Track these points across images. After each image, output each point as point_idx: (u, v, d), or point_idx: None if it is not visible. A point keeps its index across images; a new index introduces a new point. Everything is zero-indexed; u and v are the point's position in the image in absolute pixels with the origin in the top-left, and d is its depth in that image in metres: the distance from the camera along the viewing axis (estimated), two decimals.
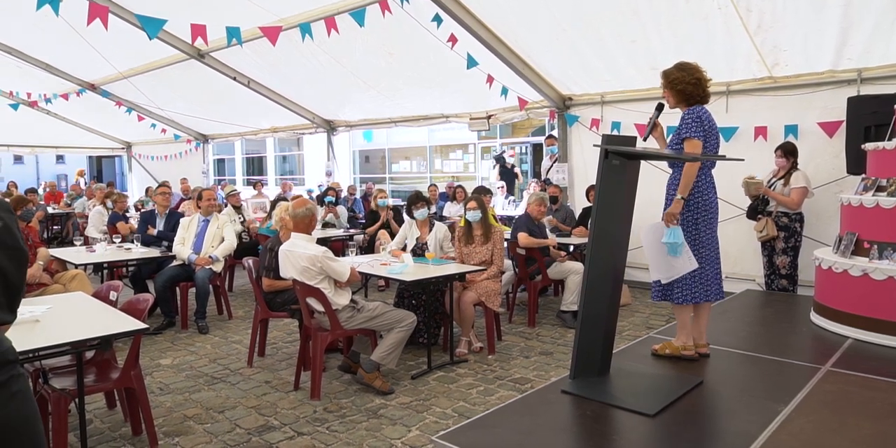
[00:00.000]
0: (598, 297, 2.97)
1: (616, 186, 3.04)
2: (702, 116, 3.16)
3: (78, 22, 6.87)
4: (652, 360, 3.36)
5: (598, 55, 6.34)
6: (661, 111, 3.43)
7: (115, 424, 3.39)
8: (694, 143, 3.13)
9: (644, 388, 2.91)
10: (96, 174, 29.67)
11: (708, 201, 3.23)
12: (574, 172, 7.58)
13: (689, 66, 3.29)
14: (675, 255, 3.14)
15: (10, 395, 1.34)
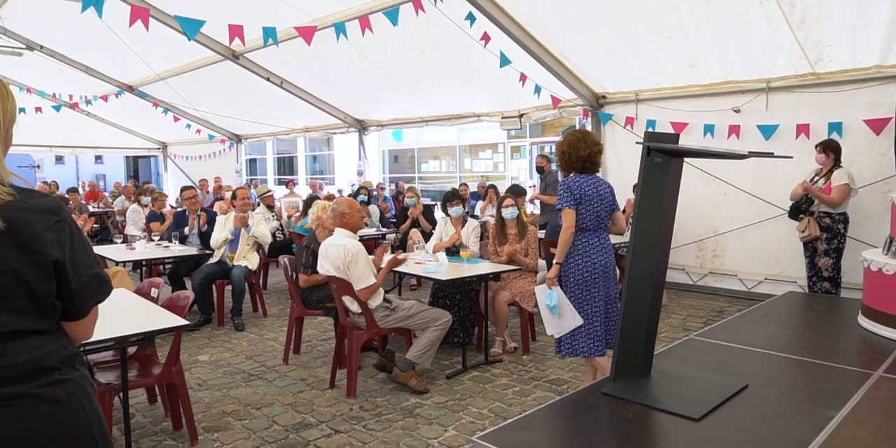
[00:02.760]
0: (640, 297, 2.91)
1: (658, 184, 2.97)
2: (571, 186, 3.27)
3: (117, 25, 7.04)
4: (693, 363, 3.29)
5: (634, 52, 6.25)
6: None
7: (156, 419, 3.45)
8: (566, 213, 3.26)
9: (687, 392, 2.85)
10: (133, 174, 30.35)
11: (589, 263, 3.32)
12: (608, 171, 7.48)
13: (579, 140, 3.34)
14: (554, 315, 3.33)
15: (40, 401, 1.27)
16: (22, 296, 1.25)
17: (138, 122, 14.38)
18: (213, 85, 10.33)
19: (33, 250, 1.24)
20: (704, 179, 6.27)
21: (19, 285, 1.24)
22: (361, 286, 3.66)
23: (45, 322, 1.32)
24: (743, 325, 3.76)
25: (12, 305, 1.24)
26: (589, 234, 3.32)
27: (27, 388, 1.25)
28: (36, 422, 1.25)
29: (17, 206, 1.23)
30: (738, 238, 6.27)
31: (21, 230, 1.22)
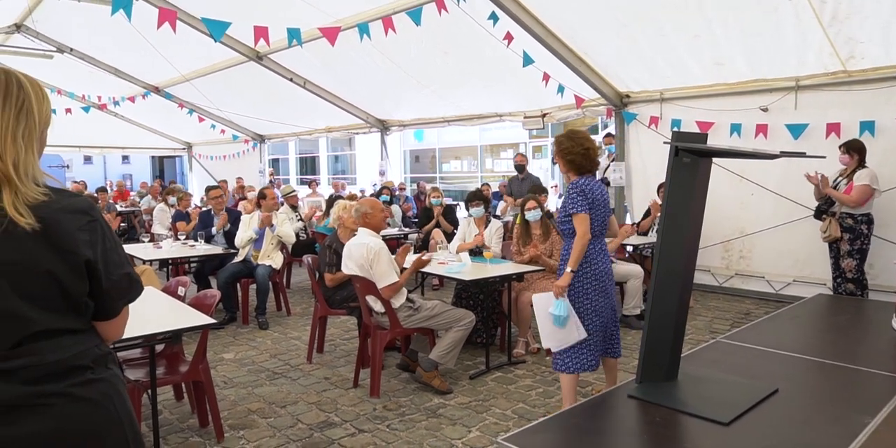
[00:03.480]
0: (668, 299, 2.88)
1: (686, 185, 2.93)
2: (585, 190, 3.15)
3: (144, 27, 7.15)
4: (720, 366, 3.23)
5: (659, 51, 6.18)
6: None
7: (182, 416, 3.49)
8: (581, 218, 3.12)
9: (715, 395, 2.80)
10: (159, 174, 30.85)
11: (598, 271, 3.21)
12: (632, 172, 7.41)
13: (579, 136, 3.25)
14: (560, 326, 3.16)
15: (72, 400, 1.27)
16: (56, 295, 1.27)
17: (164, 123, 14.60)
18: (237, 86, 10.44)
19: (66, 250, 1.25)
20: (731, 179, 6.17)
21: (53, 285, 1.25)
22: (384, 284, 3.67)
23: (79, 321, 1.33)
24: (772, 328, 3.69)
25: (47, 304, 1.26)
26: (595, 241, 3.21)
27: (60, 387, 1.26)
28: (67, 421, 1.26)
29: (50, 206, 1.24)
30: (766, 239, 6.16)
31: (54, 230, 1.24)
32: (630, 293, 5.19)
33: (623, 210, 7.67)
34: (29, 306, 1.23)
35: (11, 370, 1.21)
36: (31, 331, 1.24)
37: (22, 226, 1.18)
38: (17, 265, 1.21)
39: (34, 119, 1.27)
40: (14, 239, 1.19)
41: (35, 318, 1.24)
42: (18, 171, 1.22)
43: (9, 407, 1.20)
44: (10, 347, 1.21)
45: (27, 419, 1.21)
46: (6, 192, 1.20)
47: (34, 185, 1.24)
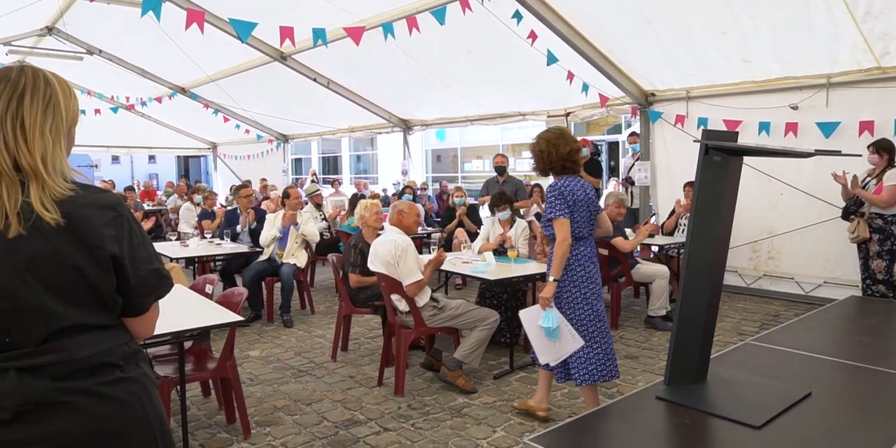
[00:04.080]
0: (697, 299, 2.83)
1: (716, 184, 2.87)
2: (564, 192, 3.00)
3: (171, 29, 7.25)
4: (750, 368, 3.18)
5: (685, 48, 6.10)
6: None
7: (210, 412, 3.54)
8: (560, 223, 2.97)
9: (746, 398, 2.75)
10: (184, 173, 31.30)
11: (590, 274, 3.07)
12: (657, 171, 7.33)
13: (557, 137, 3.07)
14: (554, 339, 3.03)
15: (99, 398, 1.26)
16: (83, 290, 1.26)
17: (190, 123, 14.81)
18: (261, 86, 10.55)
19: (92, 245, 1.25)
20: (759, 179, 6.07)
21: (80, 280, 1.25)
22: (410, 282, 3.69)
23: (107, 317, 1.32)
24: (803, 330, 3.62)
25: (74, 300, 1.25)
26: (584, 243, 3.07)
27: (87, 385, 1.25)
28: (92, 420, 1.25)
29: (77, 201, 1.24)
30: (795, 240, 6.05)
31: (80, 225, 1.24)
32: (656, 294, 5.14)
33: (648, 210, 7.59)
34: (56, 301, 1.23)
35: (40, 366, 1.21)
36: (58, 326, 1.23)
37: (47, 220, 1.19)
38: (44, 260, 1.21)
39: (61, 114, 1.29)
40: (41, 234, 1.20)
41: (63, 314, 1.24)
42: (46, 166, 1.23)
43: (36, 404, 1.19)
44: (39, 343, 1.21)
45: (53, 417, 1.21)
46: (33, 186, 1.21)
47: (62, 181, 1.25)
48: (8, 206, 1.18)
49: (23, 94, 1.24)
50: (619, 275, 5.27)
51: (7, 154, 1.21)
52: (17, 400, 1.18)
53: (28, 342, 1.21)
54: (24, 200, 1.19)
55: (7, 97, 1.23)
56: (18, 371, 1.19)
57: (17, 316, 1.19)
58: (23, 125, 1.23)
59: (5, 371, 1.18)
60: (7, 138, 1.21)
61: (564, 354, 3.04)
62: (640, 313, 5.59)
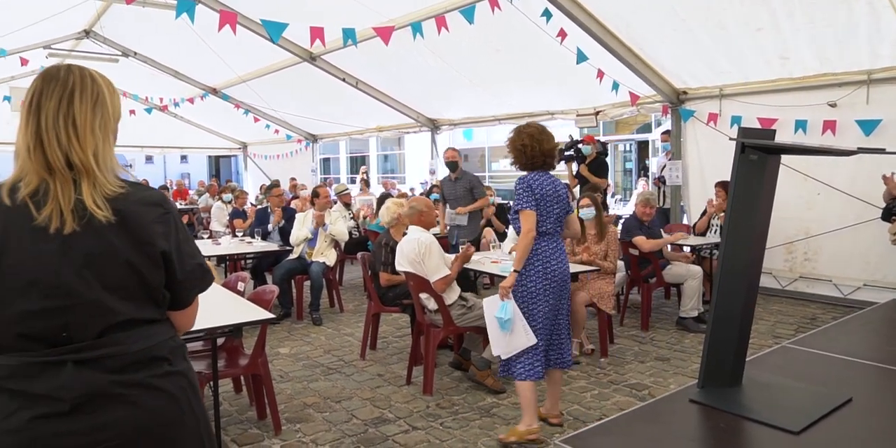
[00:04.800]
0: (733, 300, 2.76)
1: (753, 183, 2.81)
2: (532, 185, 2.99)
3: (203, 30, 7.37)
4: (787, 372, 3.10)
5: (719, 45, 5.98)
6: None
7: (241, 408, 3.58)
8: (526, 215, 2.97)
9: (784, 402, 2.68)
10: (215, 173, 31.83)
11: (550, 271, 3.03)
12: (689, 170, 7.21)
13: (541, 132, 3.06)
14: (506, 331, 3.00)
15: (152, 391, 1.29)
16: (136, 285, 1.29)
17: (221, 123, 15.04)
18: (291, 86, 10.65)
19: (143, 241, 1.28)
20: (795, 178, 5.91)
21: (133, 275, 1.28)
22: (436, 278, 3.71)
23: (157, 311, 1.35)
24: (843, 334, 3.52)
25: (128, 294, 1.28)
26: (548, 239, 3.04)
27: (140, 378, 1.28)
28: (145, 412, 1.28)
29: (127, 198, 1.28)
30: (833, 241, 5.88)
31: (132, 222, 1.27)
32: (688, 294, 5.05)
33: (679, 210, 7.47)
34: (111, 297, 1.25)
35: (95, 359, 1.24)
36: (114, 321, 1.26)
37: (98, 218, 1.22)
38: (99, 256, 1.24)
39: (108, 111, 1.32)
40: (95, 231, 1.23)
41: (118, 309, 1.26)
42: (98, 162, 1.26)
43: (93, 396, 1.22)
44: (95, 337, 1.24)
45: (109, 409, 1.24)
46: (85, 183, 1.24)
47: (112, 177, 1.28)
48: (63, 204, 1.21)
49: (72, 93, 1.27)
50: (649, 275, 5.20)
51: (60, 152, 1.23)
52: (76, 392, 1.21)
53: (84, 336, 1.24)
54: (77, 198, 1.22)
55: (58, 96, 1.26)
56: (75, 364, 1.22)
57: (76, 311, 1.22)
58: (74, 123, 1.25)
59: (63, 364, 1.21)
60: (60, 136, 1.24)
61: (515, 350, 3.02)
62: (671, 315, 5.51)
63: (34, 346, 1.21)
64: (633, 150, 17.56)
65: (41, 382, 1.20)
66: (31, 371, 1.20)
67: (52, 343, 1.21)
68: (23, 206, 1.20)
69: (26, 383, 1.19)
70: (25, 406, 1.19)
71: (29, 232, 1.19)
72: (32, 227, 1.19)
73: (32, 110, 1.25)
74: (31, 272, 1.20)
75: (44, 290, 1.20)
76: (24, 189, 1.21)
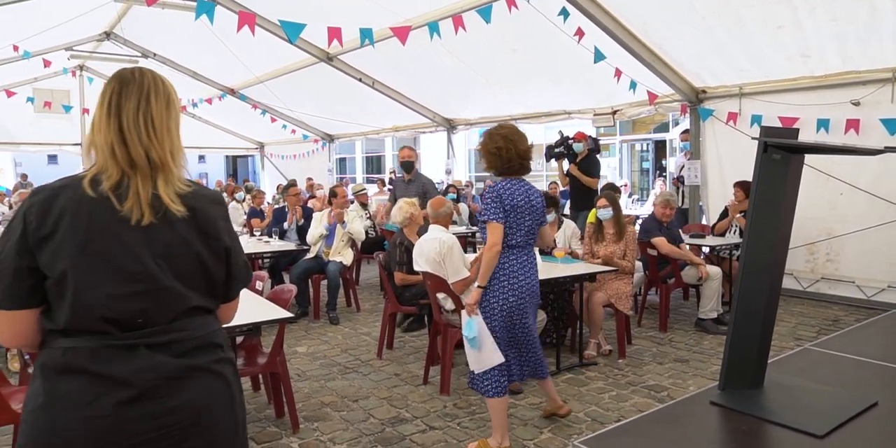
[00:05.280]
0: (755, 300, 2.73)
1: (776, 183, 2.76)
2: (502, 195, 2.82)
3: (222, 32, 7.44)
4: (810, 375, 3.05)
5: (739, 43, 5.91)
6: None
7: (259, 406, 3.61)
8: (492, 227, 2.79)
9: (807, 405, 2.64)
10: (232, 173, 32.10)
11: (519, 286, 2.90)
12: (707, 170, 7.14)
13: (514, 133, 2.91)
14: (474, 348, 2.91)
15: (213, 375, 1.37)
16: (200, 276, 1.38)
17: (238, 124, 15.16)
18: (307, 86, 10.71)
19: (211, 236, 1.39)
20: (818, 178, 5.82)
21: (199, 267, 1.37)
22: (456, 279, 3.69)
23: (213, 302, 1.44)
24: (867, 336, 3.46)
25: (194, 284, 1.37)
26: (518, 252, 2.87)
27: (203, 362, 1.36)
28: (208, 395, 1.36)
29: (196, 195, 1.38)
30: (857, 241, 5.79)
31: (202, 218, 1.37)
32: (707, 295, 5.00)
33: (698, 210, 7.40)
34: (183, 285, 1.34)
35: (165, 343, 1.31)
36: (184, 307, 1.35)
37: (173, 212, 1.32)
38: (175, 247, 1.33)
39: (177, 111, 1.42)
40: (170, 224, 1.32)
41: (188, 296, 1.35)
42: (174, 159, 1.36)
43: (165, 379, 1.29)
44: (167, 322, 1.32)
45: (179, 392, 1.31)
46: (161, 179, 1.33)
47: (181, 174, 1.39)
48: (142, 197, 1.30)
49: (149, 94, 1.36)
50: (668, 276, 5.15)
51: (142, 149, 1.32)
52: (151, 375, 1.28)
53: (158, 321, 1.31)
54: (153, 192, 1.31)
55: (136, 97, 1.34)
56: (148, 348, 1.29)
57: (154, 296, 1.30)
58: (152, 123, 1.35)
59: (136, 348, 1.28)
60: (140, 135, 1.32)
61: (488, 365, 2.93)
62: (690, 316, 5.45)
63: (111, 330, 1.27)
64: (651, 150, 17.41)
65: (118, 365, 1.26)
66: (109, 354, 1.26)
67: (127, 327, 1.28)
68: (105, 197, 1.28)
69: (105, 366, 1.25)
70: (107, 391, 1.25)
71: (115, 222, 1.27)
72: (119, 217, 1.27)
73: (112, 110, 1.33)
74: (117, 258, 1.27)
75: (129, 275, 1.28)
76: (106, 182, 1.29)
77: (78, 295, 1.24)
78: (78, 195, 1.27)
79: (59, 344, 1.26)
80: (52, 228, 1.24)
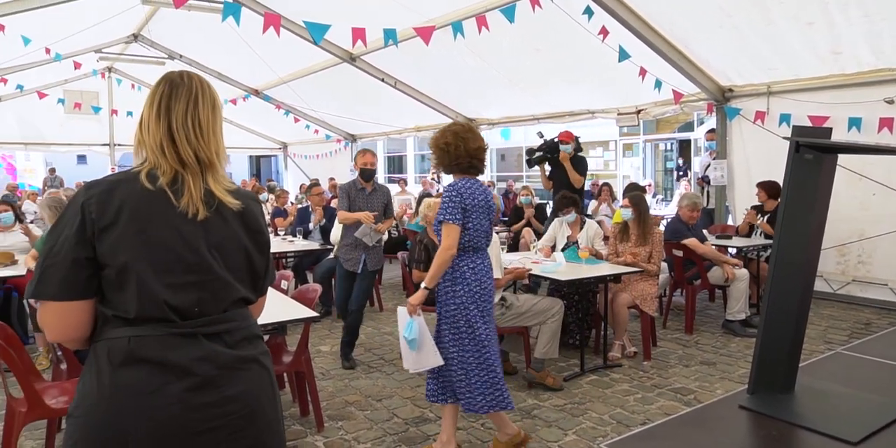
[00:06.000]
0: (785, 304, 2.67)
1: (808, 183, 2.71)
2: (463, 193, 2.69)
3: (247, 33, 7.52)
4: (842, 380, 2.99)
5: (767, 41, 5.81)
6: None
7: (284, 404, 3.63)
8: (449, 229, 2.66)
9: (840, 411, 2.58)
10: (255, 172, 32.42)
11: (481, 291, 2.77)
12: (734, 170, 7.03)
13: (467, 130, 2.79)
14: (413, 349, 2.80)
15: (260, 366, 1.40)
16: (245, 269, 1.43)
17: (262, 124, 15.32)
18: (330, 86, 10.78)
19: (256, 231, 1.45)
20: (849, 178, 5.69)
21: (245, 260, 1.42)
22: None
23: (255, 295, 1.47)
24: None
25: (240, 277, 1.41)
26: (475, 255, 2.76)
27: (253, 354, 1.40)
28: (257, 386, 1.39)
29: (239, 192, 1.44)
30: (890, 243, 5.64)
31: (248, 213, 1.43)
32: (734, 297, 4.92)
33: (724, 210, 7.30)
34: (233, 277, 1.39)
35: (219, 333, 1.35)
36: (234, 298, 1.39)
37: (229, 207, 1.38)
38: (227, 240, 1.38)
39: (220, 114, 1.47)
40: (223, 219, 1.38)
41: (237, 288, 1.40)
42: (220, 158, 1.42)
43: (223, 369, 1.33)
44: (221, 312, 1.36)
45: (235, 382, 1.34)
46: (210, 177, 1.38)
47: (225, 174, 1.45)
48: (195, 194, 1.34)
49: (196, 97, 1.41)
50: (693, 277, 5.08)
51: (190, 149, 1.37)
52: (212, 364, 1.31)
53: (213, 310, 1.35)
54: (205, 188, 1.37)
55: (185, 100, 1.39)
56: (206, 337, 1.33)
57: (210, 286, 1.35)
58: (200, 124, 1.40)
59: (195, 336, 1.32)
60: (189, 136, 1.37)
61: (425, 366, 2.83)
62: (716, 318, 5.37)
63: (174, 317, 1.30)
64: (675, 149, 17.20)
65: (180, 354, 1.29)
66: (173, 342, 1.29)
67: (185, 316, 1.31)
68: (163, 191, 1.32)
69: (170, 354, 1.28)
70: (171, 379, 1.27)
71: (174, 215, 1.32)
72: (177, 212, 1.32)
73: (162, 111, 1.38)
74: (177, 249, 1.31)
75: (187, 265, 1.32)
76: (163, 178, 1.33)
77: (142, 284, 1.27)
78: (137, 188, 1.31)
79: (122, 332, 1.28)
80: (113, 219, 1.27)
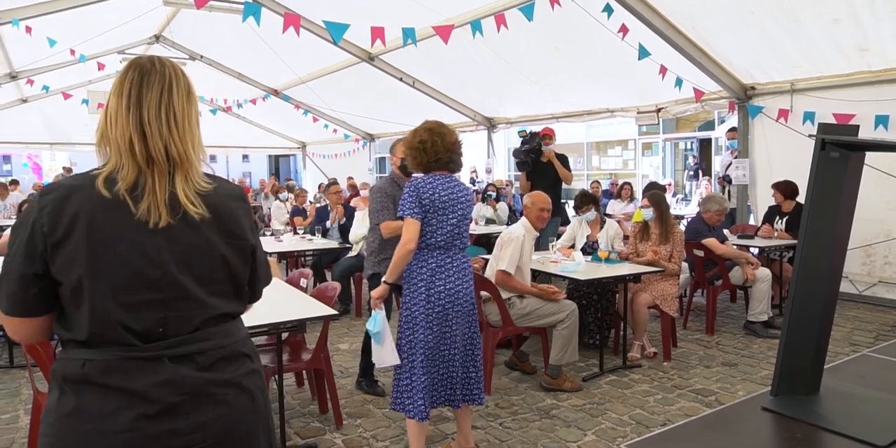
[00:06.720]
0: (810, 305, 2.63)
1: (834, 182, 2.65)
2: (420, 190, 2.61)
3: (266, 33, 7.57)
4: (869, 382, 2.93)
5: (791, 38, 5.72)
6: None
7: (303, 402, 3.66)
8: (407, 223, 2.61)
9: (867, 414, 2.53)
10: (274, 172, 32.69)
11: (434, 293, 2.65)
12: (756, 169, 6.93)
13: (440, 126, 2.72)
14: (378, 344, 2.74)
15: (240, 390, 1.27)
16: (225, 279, 1.28)
17: (281, 124, 15.44)
18: (349, 86, 10.83)
19: (236, 236, 1.29)
20: (876, 177, 5.54)
21: (225, 269, 1.27)
22: (500, 268, 3.70)
23: (239, 306, 1.34)
24: None
25: (217, 289, 1.27)
26: (438, 254, 2.67)
27: (230, 376, 1.26)
28: (234, 411, 1.27)
29: (217, 192, 1.28)
30: None
31: (226, 217, 1.27)
32: (756, 298, 4.85)
33: (746, 210, 7.20)
34: (205, 291, 1.24)
35: (189, 355, 1.22)
36: (208, 315, 1.25)
37: (191, 214, 1.21)
38: (196, 250, 1.23)
39: (196, 103, 1.32)
40: (192, 225, 1.22)
41: (211, 303, 1.25)
42: (197, 153, 1.27)
43: (190, 394, 1.20)
44: (191, 331, 1.23)
45: (204, 408, 1.22)
46: (179, 177, 1.22)
47: (201, 171, 1.28)
48: (158, 197, 1.19)
49: (171, 85, 1.25)
50: (715, 277, 5.02)
51: (161, 143, 1.21)
52: (176, 391, 1.19)
53: (181, 331, 1.22)
54: (171, 191, 1.21)
55: (158, 88, 1.23)
56: (171, 360, 1.20)
57: (176, 304, 1.21)
58: (175, 115, 1.24)
59: (159, 360, 1.19)
60: (161, 128, 1.22)
61: (384, 363, 2.79)
62: (738, 319, 5.30)
63: (133, 340, 1.18)
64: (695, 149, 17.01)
65: (140, 379, 1.17)
66: (128, 367, 1.17)
67: (147, 338, 1.19)
68: (122, 199, 1.18)
69: (125, 380, 1.17)
70: (126, 405, 1.16)
71: (133, 225, 1.18)
72: (135, 221, 1.18)
73: (132, 102, 1.21)
74: (137, 264, 1.18)
75: (149, 282, 1.19)
76: (122, 182, 1.19)
77: (96, 303, 1.15)
78: (93, 196, 1.16)
79: (78, 354, 1.18)
80: (66, 232, 1.14)
